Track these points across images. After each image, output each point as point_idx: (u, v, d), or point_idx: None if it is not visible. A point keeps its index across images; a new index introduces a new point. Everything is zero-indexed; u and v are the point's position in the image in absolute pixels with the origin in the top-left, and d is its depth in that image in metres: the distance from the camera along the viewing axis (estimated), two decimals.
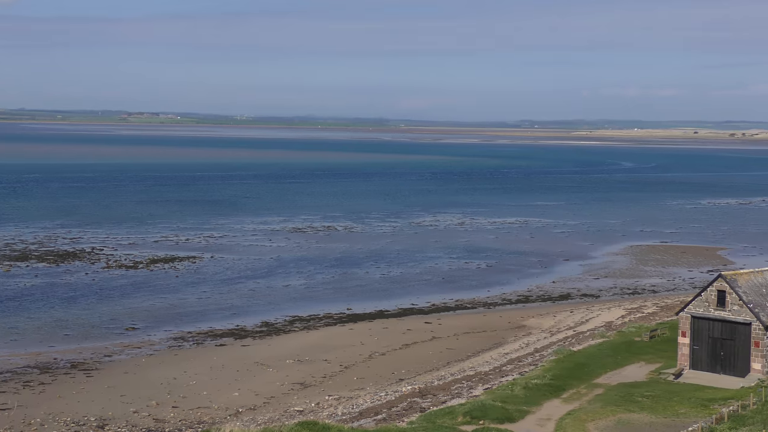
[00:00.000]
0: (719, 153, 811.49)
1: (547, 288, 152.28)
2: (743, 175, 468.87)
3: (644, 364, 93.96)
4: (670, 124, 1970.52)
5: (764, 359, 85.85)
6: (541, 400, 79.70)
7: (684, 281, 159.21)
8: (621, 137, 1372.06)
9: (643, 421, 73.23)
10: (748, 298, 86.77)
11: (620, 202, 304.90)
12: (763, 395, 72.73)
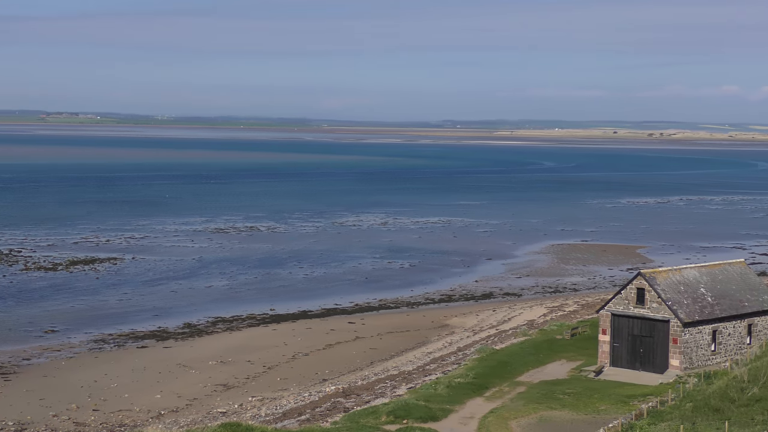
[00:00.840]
0: (638, 153, 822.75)
1: (470, 287, 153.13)
2: (661, 175, 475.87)
3: (566, 361, 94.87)
4: (590, 124, 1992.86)
5: (682, 355, 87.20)
6: (465, 399, 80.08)
7: (604, 279, 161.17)
8: (542, 137, 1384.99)
9: (565, 418, 73.95)
10: (667, 295, 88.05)
11: (542, 201, 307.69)
12: (681, 391, 73.87)
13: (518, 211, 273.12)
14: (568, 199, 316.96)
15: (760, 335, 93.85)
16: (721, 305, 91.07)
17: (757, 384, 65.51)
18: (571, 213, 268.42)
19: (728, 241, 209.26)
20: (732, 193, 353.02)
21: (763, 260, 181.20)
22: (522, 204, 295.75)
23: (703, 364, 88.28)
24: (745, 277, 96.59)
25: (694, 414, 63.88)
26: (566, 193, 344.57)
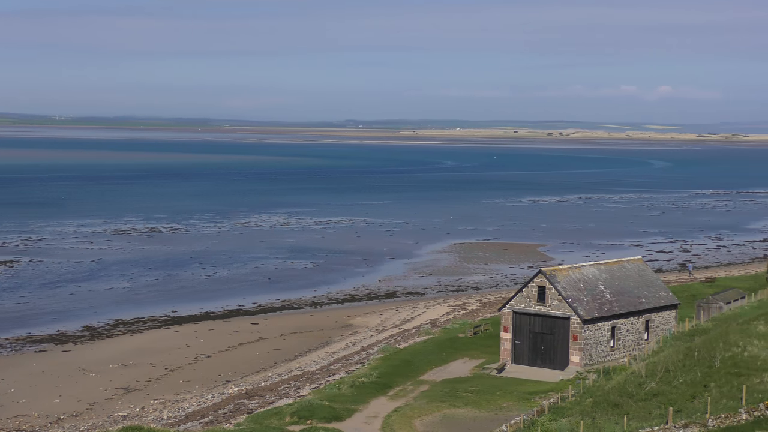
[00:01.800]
0: (538, 152, 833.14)
1: (373, 287, 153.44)
2: (561, 173, 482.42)
3: (468, 359, 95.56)
4: (491, 123, 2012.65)
5: (582, 352, 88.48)
6: (368, 398, 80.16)
7: (506, 278, 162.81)
8: (444, 137, 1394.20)
9: (468, 415, 74.47)
10: (567, 293, 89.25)
11: (444, 200, 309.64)
12: (581, 387, 74.89)
13: (420, 210, 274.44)
14: (469, 199, 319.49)
15: (657, 331, 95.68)
16: (619, 302, 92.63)
17: (655, 379, 66.73)
18: (472, 212, 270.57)
19: (626, 239, 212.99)
20: (629, 192, 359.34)
21: (659, 257, 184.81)
22: (424, 203, 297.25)
23: (603, 359, 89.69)
24: (643, 274, 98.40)
25: (594, 409, 64.81)
26: (468, 193, 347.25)
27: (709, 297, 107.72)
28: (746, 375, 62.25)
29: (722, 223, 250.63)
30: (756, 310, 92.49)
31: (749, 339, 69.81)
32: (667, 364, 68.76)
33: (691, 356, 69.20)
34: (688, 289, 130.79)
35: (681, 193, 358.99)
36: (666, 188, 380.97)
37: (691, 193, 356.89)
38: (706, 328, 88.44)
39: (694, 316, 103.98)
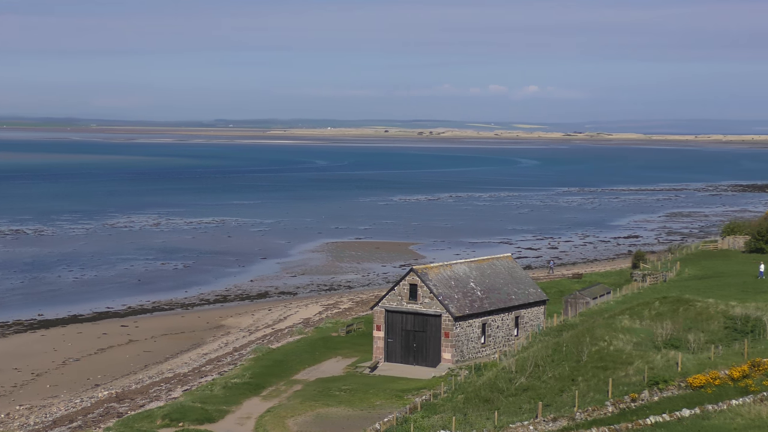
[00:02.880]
0: (409, 151, 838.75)
1: (246, 287, 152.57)
2: (432, 172, 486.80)
3: (341, 358, 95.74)
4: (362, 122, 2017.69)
5: (454, 349, 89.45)
6: (241, 399, 79.68)
7: (378, 276, 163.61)
8: (315, 136, 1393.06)
9: (341, 414, 74.60)
10: (438, 290, 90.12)
11: (315, 199, 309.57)
12: (452, 383, 75.69)
13: (292, 210, 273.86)
14: (341, 198, 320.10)
15: (527, 327, 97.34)
16: (490, 299, 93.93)
17: (524, 374, 67.88)
18: (344, 211, 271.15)
19: (496, 237, 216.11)
20: (499, 190, 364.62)
21: (528, 254, 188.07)
22: (296, 203, 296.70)
23: (474, 356, 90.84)
24: (512, 271, 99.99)
25: (466, 405, 65.59)
26: (339, 192, 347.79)
27: (576, 293, 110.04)
28: (612, 368, 63.80)
29: (588, 220, 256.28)
30: (621, 305, 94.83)
31: (615, 333, 71.57)
32: (537, 360, 70.03)
33: (560, 351, 70.62)
34: (556, 285, 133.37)
35: (548, 190, 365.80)
36: (534, 186, 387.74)
37: (558, 191, 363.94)
38: (573, 324, 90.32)
39: (562, 312, 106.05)
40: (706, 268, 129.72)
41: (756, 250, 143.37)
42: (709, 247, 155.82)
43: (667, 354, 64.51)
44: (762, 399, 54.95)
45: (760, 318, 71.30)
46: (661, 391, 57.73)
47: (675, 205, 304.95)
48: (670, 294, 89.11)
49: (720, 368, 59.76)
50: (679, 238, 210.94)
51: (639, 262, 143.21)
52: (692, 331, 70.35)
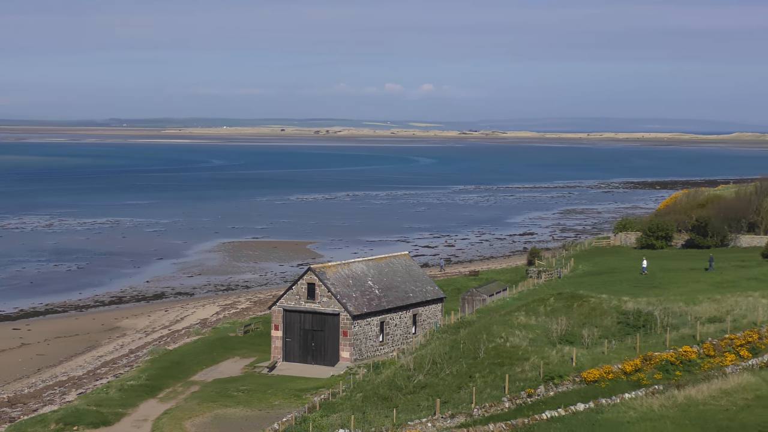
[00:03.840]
0: (305, 150, 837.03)
1: (141, 288, 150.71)
2: (328, 171, 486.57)
3: (239, 359, 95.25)
4: (258, 122, 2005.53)
5: (352, 347, 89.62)
6: (138, 401, 78.76)
7: (276, 275, 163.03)
8: (210, 135, 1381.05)
9: (239, 415, 74.22)
10: (336, 289, 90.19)
11: (211, 199, 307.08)
12: (351, 382, 75.84)
13: (188, 209, 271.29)
14: (238, 197, 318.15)
15: (425, 324, 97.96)
16: (387, 297, 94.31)
17: (422, 371, 68.29)
18: (241, 211, 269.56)
19: (393, 235, 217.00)
20: (395, 188, 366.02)
21: (425, 252, 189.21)
22: (192, 202, 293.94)
23: (372, 354, 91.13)
24: (410, 269, 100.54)
25: (365, 403, 65.75)
26: (236, 191, 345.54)
27: (473, 290, 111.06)
28: (509, 364, 64.55)
29: (484, 217, 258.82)
30: (517, 302, 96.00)
31: (511, 330, 72.42)
32: (434, 357, 70.52)
33: (457, 348, 71.20)
34: (453, 283, 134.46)
35: (445, 189, 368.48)
36: (430, 184, 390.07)
37: (455, 189, 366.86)
38: (470, 321, 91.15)
39: (459, 309, 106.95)
40: (599, 264, 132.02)
41: (647, 246, 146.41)
42: (602, 243, 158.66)
43: (562, 349, 65.50)
44: (654, 392, 56.14)
45: (652, 313, 72.84)
46: (556, 386, 58.61)
47: (569, 203, 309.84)
48: (565, 290, 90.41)
49: (613, 363, 60.88)
50: (572, 235, 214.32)
51: (534, 259, 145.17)
52: (586, 327, 71.53)
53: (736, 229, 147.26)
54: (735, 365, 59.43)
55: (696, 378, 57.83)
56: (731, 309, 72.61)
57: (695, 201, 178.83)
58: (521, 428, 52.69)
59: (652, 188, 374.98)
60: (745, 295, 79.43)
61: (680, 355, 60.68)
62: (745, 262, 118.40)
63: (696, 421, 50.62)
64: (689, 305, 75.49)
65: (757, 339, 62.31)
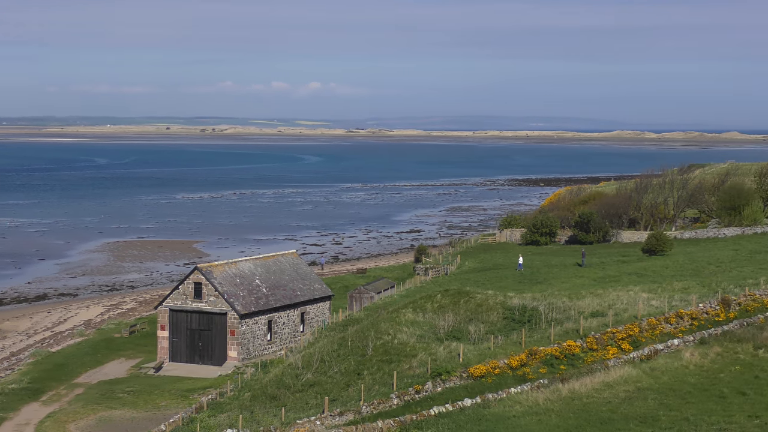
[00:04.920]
0: (192, 148, 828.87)
1: (23, 289, 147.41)
2: (215, 170, 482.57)
3: (125, 360, 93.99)
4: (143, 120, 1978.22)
5: (240, 347, 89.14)
6: (19, 405, 77.12)
7: (162, 275, 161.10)
8: (94, 133, 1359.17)
9: (125, 416, 73.23)
10: (224, 288, 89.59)
11: (95, 198, 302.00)
12: (239, 381, 75.46)
13: (71, 209, 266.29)
14: (122, 196, 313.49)
15: (313, 323, 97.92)
16: (275, 296, 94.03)
17: (311, 370, 68.27)
18: (125, 210, 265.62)
19: (280, 233, 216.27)
20: (282, 187, 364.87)
21: (313, 250, 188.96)
22: (75, 202, 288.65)
23: (260, 353, 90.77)
24: (297, 268, 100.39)
25: (253, 403, 65.49)
26: (120, 190, 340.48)
27: (361, 287, 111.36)
28: (397, 361, 64.90)
29: (372, 215, 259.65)
30: (404, 299, 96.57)
31: (399, 327, 72.84)
32: (323, 355, 70.57)
33: (345, 346, 71.35)
34: (341, 281, 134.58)
35: (332, 187, 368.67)
36: (318, 182, 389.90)
37: (342, 187, 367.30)
38: (358, 318, 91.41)
39: (347, 307, 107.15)
40: (485, 260, 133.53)
41: (532, 243, 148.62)
42: (488, 240, 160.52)
43: (450, 345, 66.08)
44: (539, 386, 57.02)
45: (537, 308, 73.99)
46: (444, 382, 59.10)
47: (455, 200, 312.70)
48: (452, 287, 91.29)
49: (499, 358, 61.65)
50: (459, 232, 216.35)
51: (421, 256, 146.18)
52: (473, 323, 72.31)
53: (617, 225, 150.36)
54: (617, 358, 60.71)
55: (579, 371, 58.90)
56: (613, 303, 74.16)
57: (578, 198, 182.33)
58: (409, 424, 53.01)
59: (536, 185, 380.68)
60: (627, 290, 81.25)
61: (564, 349, 61.75)
62: (626, 257, 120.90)
63: (579, 413, 51.56)
64: (573, 300, 76.89)
65: (637, 332, 63.74)
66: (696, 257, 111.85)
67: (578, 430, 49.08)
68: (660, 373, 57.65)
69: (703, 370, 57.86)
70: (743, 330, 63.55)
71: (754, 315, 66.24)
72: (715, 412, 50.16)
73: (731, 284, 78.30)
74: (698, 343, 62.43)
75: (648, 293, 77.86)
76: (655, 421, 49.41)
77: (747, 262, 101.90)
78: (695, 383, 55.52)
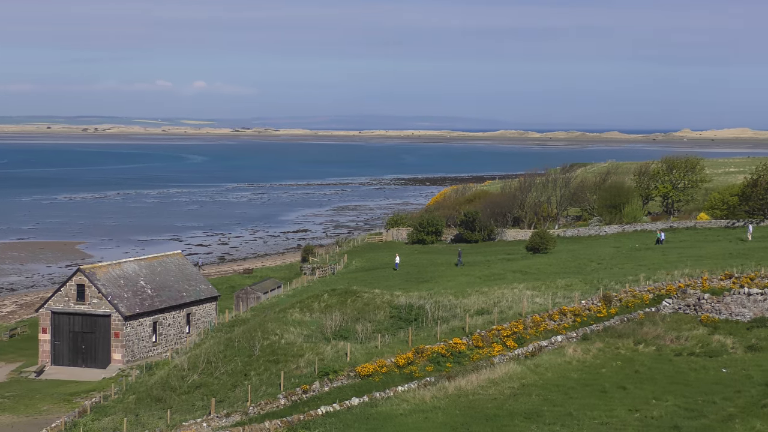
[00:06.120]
0: (74, 147, 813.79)
1: None
2: (98, 169, 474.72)
3: (5, 364, 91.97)
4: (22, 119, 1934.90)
5: (124, 349, 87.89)
6: None
7: (43, 277, 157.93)
8: None
9: (4, 422, 71.63)
10: (107, 290, 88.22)
11: None
12: (123, 384, 74.42)
13: None
14: (0, 197, 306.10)
15: (199, 323, 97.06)
16: (160, 297, 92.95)
17: (197, 371, 67.68)
18: (4, 211, 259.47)
19: (166, 234, 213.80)
20: (167, 187, 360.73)
21: (198, 251, 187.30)
22: None
23: (146, 355, 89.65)
24: (183, 268, 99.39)
25: (138, 405, 64.67)
26: None
27: (248, 288, 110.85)
28: (284, 361, 64.72)
29: (258, 215, 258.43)
30: (291, 299, 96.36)
31: (286, 327, 72.65)
32: (209, 356, 70.00)
33: (232, 347, 70.89)
34: (228, 281, 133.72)
35: (218, 186, 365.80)
36: (203, 182, 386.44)
37: (228, 187, 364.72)
38: (245, 319, 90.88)
39: (234, 307, 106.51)
40: (372, 259, 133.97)
41: (418, 241, 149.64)
42: (375, 239, 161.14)
43: (337, 345, 66.14)
44: (426, 384, 57.41)
45: (423, 306, 74.50)
46: (331, 382, 59.12)
47: (341, 199, 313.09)
48: (339, 286, 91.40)
49: (386, 356, 61.92)
50: (346, 231, 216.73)
51: (308, 255, 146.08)
52: (360, 322, 72.50)
53: (502, 224, 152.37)
54: (502, 355, 61.49)
55: (466, 369, 59.47)
56: (498, 301, 75.10)
57: (463, 197, 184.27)
58: (297, 424, 52.89)
59: (422, 184, 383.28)
60: (511, 288, 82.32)
61: (450, 347, 62.29)
62: (511, 255, 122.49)
63: (466, 410, 52.07)
64: (459, 298, 77.61)
65: (522, 329, 64.67)
66: (578, 255, 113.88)
67: (464, 427, 49.55)
68: (544, 369, 58.57)
69: (586, 365, 58.98)
70: (624, 326, 64.97)
71: (634, 311, 67.80)
72: (597, 407, 51.16)
73: (612, 281, 79.96)
74: (581, 340, 63.61)
75: (532, 291, 79.02)
76: (540, 416, 50.19)
77: (627, 259, 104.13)
78: (578, 379, 56.55)
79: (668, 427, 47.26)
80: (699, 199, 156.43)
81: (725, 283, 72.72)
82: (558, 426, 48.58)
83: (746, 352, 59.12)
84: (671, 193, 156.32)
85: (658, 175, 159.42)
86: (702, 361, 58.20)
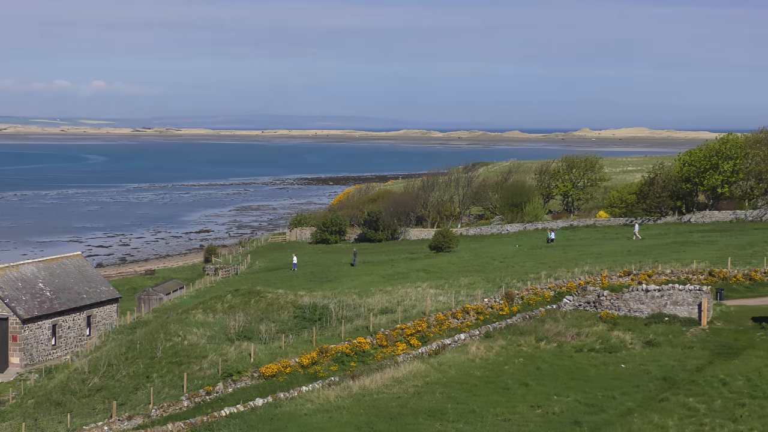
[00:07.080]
0: None
1: None
2: None
3: None
4: None
5: (23, 352, 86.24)
6: None
7: None
8: None
9: None
10: (5, 293, 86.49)
11: None
12: (22, 388, 73.05)
13: None
14: None
15: (100, 326, 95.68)
16: (60, 299, 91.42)
17: (98, 374, 66.76)
18: None
19: (65, 235, 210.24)
20: (66, 187, 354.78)
21: (99, 252, 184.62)
22: None
23: (45, 359, 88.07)
24: (83, 270, 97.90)
25: (36, 410, 63.55)
26: None
27: (149, 289, 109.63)
28: (187, 363, 64.17)
29: (160, 215, 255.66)
30: (194, 300, 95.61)
31: (189, 328, 72.05)
32: (110, 359, 69.08)
33: (134, 349, 70.07)
34: (129, 282, 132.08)
35: (119, 187, 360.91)
36: (103, 183, 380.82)
37: (129, 187, 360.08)
38: (147, 320, 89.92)
39: (136, 309, 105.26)
40: (275, 260, 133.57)
41: (322, 241, 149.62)
42: (278, 239, 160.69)
43: (241, 345, 65.79)
44: (330, 384, 57.43)
45: (327, 306, 74.55)
46: (235, 383, 58.80)
47: (244, 199, 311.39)
48: (242, 286, 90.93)
49: (291, 356, 61.78)
50: (249, 232, 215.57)
51: (211, 256, 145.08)
52: (264, 322, 72.23)
53: (405, 223, 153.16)
54: (406, 354, 61.79)
55: (370, 368, 59.64)
56: (402, 300, 75.47)
57: (367, 196, 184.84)
58: (200, 426, 52.49)
59: (325, 184, 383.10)
60: (415, 286, 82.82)
61: (355, 346, 62.39)
62: (414, 254, 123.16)
63: (370, 409, 52.20)
64: (363, 297, 77.80)
65: (425, 328, 65.06)
66: (481, 253, 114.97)
67: (368, 426, 49.67)
68: (447, 367, 58.99)
69: (489, 363, 59.56)
70: (526, 323, 65.78)
71: (536, 308, 68.70)
72: (499, 404, 51.68)
73: (514, 279, 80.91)
74: (484, 337, 64.24)
75: (435, 289, 79.56)
76: (443, 414, 50.52)
77: (528, 257, 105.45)
78: (481, 376, 57.07)
79: (569, 423, 47.95)
80: (598, 198, 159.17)
81: (624, 280, 74.19)
82: (461, 423, 48.97)
83: (644, 348, 60.30)
84: (571, 191, 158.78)
85: (559, 174, 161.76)
86: (602, 357, 59.19)
